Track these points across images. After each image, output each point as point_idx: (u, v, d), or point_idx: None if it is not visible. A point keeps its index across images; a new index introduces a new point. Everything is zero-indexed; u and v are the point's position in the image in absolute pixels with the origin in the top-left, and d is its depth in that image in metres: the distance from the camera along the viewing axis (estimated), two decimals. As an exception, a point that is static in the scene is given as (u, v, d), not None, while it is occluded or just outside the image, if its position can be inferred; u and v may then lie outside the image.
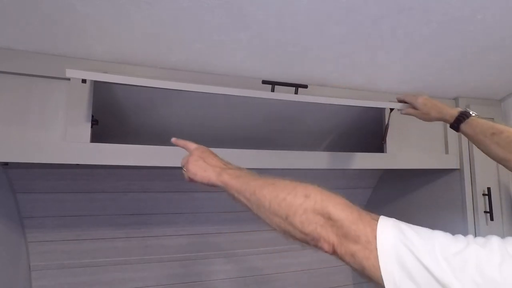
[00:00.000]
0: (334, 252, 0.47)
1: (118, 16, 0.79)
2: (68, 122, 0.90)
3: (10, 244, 1.12)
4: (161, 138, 1.19)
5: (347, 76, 1.14)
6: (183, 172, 0.71)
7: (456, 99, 1.35)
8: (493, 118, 1.35)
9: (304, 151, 1.10)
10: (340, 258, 0.47)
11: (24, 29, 0.81)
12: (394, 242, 0.42)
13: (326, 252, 0.48)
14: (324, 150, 1.44)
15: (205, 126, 1.25)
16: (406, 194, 1.45)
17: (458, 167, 1.32)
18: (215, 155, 0.70)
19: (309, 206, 0.50)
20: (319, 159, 1.12)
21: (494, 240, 0.40)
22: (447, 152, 1.33)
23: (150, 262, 1.38)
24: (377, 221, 0.45)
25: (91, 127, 0.92)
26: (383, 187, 1.59)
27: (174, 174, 1.33)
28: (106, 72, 0.94)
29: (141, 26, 0.83)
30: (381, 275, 0.41)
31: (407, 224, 0.45)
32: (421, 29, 0.90)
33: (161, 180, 1.33)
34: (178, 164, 0.97)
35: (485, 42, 0.98)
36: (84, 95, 0.91)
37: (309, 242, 0.49)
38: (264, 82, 1.00)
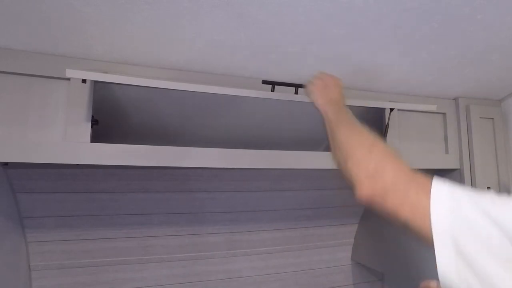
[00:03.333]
0: (371, 202, 0.49)
1: (118, 16, 0.79)
2: (68, 122, 0.90)
3: (10, 244, 1.12)
4: (161, 138, 1.19)
5: (347, 76, 1.14)
6: (309, 85, 0.81)
7: (456, 99, 1.35)
8: (493, 118, 1.35)
9: (304, 151, 1.10)
10: (377, 208, 0.49)
11: (24, 29, 0.81)
12: (450, 200, 0.42)
13: (363, 200, 0.50)
14: (324, 150, 1.44)
15: (205, 126, 1.25)
16: (406, 194, 1.44)
17: (458, 167, 1.32)
18: (340, 90, 0.78)
19: (368, 155, 0.54)
20: (319, 159, 1.12)
21: None
22: (447, 152, 1.33)
23: (150, 262, 1.38)
24: (431, 183, 0.46)
25: (91, 127, 0.92)
26: (383, 187, 1.59)
27: (174, 174, 1.33)
28: (106, 72, 0.94)
29: (141, 26, 0.83)
30: (429, 222, 0.42)
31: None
32: (421, 29, 0.90)
33: (161, 180, 1.33)
34: (178, 164, 0.98)
35: (485, 42, 0.98)
36: (84, 95, 0.91)
37: (351, 185, 0.53)
38: (264, 82, 1.00)
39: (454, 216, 0.41)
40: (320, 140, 1.48)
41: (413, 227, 0.45)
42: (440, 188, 0.45)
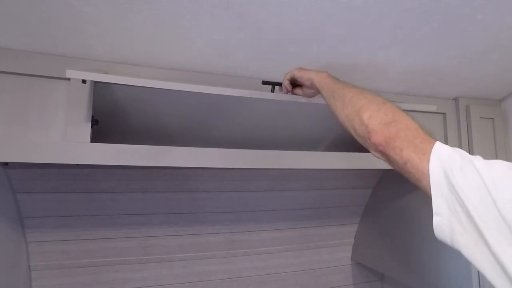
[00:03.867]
0: (384, 146, 0.56)
1: (118, 16, 0.79)
2: (68, 122, 0.90)
3: (10, 244, 1.12)
4: (161, 138, 1.19)
5: (347, 76, 1.14)
6: (285, 81, 0.88)
7: (456, 99, 1.35)
8: (493, 118, 1.35)
9: (304, 151, 1.10)
10: (386, 151, 0.56)
11: (24, 29, 0.81)
12: (450, 150, 0.51)
13: (377, 145, 0.57)
14: (324, 150, 1.44)
15: (205, 126, 1.25)
16: (406, 194, 1.44)
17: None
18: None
19: (383, 107, 0.61)
20: (319, 159, 1.12)
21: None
22: (447, 152, 1.33)
23: (150, 262, 1.38)
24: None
25: (91, 127, 0.92)
26: (383, 187, 1.59)
27: (174, 174, 1.33)
28: (106, 72, 0.94)
29: (141, 26, 0.83)
30: (427, 167, 0.50)
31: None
32: (421, 29, 0.90)
33: (161, 180, 1.33)
34: (177, 164, 0.98)
35: (485, 42, 0.98)
36: (84, 95, 0.91)
37: (365, 134, 0.60)
38: (264, 82, 1.00)
39: (449, 161, 0.48)
40: (320, 140, 1.48)
41: (411, 166, 0.52)
42: (441, 143, 0.53)
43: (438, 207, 0.48)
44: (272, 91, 1.00)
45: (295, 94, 0.92)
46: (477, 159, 0.48)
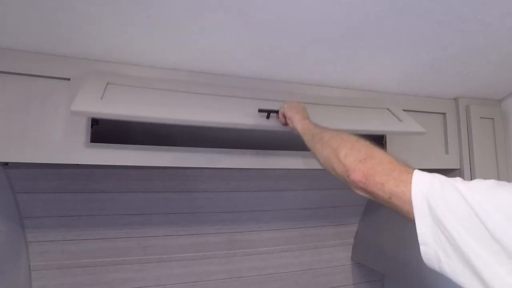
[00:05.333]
0: (364, 182, 0.57)
1: (118, 16, 0.79)
2: (68, 122, 0.90)
3: (10, 244, 1.12)
4: (161, 138, 1.19)
5: (347, 76, 1.14)
6: (279, 113, 0.92)
7: (456, 99, 1.35)
8: (493, 118, 1.35)
9: (304, 151, 1.10)
10: (368, 188, 0.57)
11: (24, 29, 0.81)
12: (429, 177, 0.51)
13: (357, 182, 0.58)
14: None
15: (206, 126, 1.25)
16: (406, 194, 1.44)
17: (458, 167, 1.32)
18: (305, 110, 0.90)
19: (356, 144, 0.64)
20: (319, 159, 1.11)
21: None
22: (447, 152, 1.33)
23: (150, 262, 1.38)
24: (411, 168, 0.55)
25: (91, 127, 0.92)
26: (383, 187, 1.59)
27: (174, 174, 1.33)
28: (105, 72, 0.94)
29: (141, 26, 0.83)
30: (410, 198, 0.50)
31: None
32: (421, 29, 0.90)
33: (161, 180, 1.33)
34: (177, 164, 0.98)
35: (485, 42, 0.98)
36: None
37: (344, 173, 0.61)
38: (260, 110, 0.96)
39: (431, 190, 0.49)
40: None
41: (396, 200, 0.53)
42: (420, 171, 0.53)
43: (424, 237, 0.48)
44: (268, 117, 0.98)
45: (286, 126, 0.93)
46: (458, 182, 0.48)
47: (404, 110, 1.29)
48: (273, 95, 1.07)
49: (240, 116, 0.94)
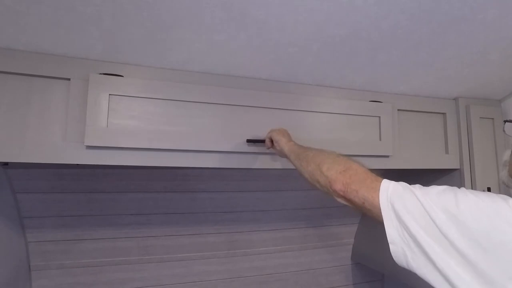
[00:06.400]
0: (344, 191, 0.64)
1: (118, 16, 0.79)
2: (68, 122, 0.90)
3: (10, 244, 1.12)
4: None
5: (347, 76, 1.14)
6: (267, 139, 1.00)
7: (456, 99, 1.35)
8: (493, 118, 1.35)
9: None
10: (347, 195, 0.64)
11: (24, 29, 0.81)
12: (393, 184, 0.59)
13: (338, 191, 0.65)
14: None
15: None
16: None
17: (458, 167, 1.32)
18: (288, 134, 0.99)
19: (337, 159, 0.72)
20: (319, 159, 1.12)
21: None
22: (447, 152, 1.33)
23: (150, 262, 1.38)
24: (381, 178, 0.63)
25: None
26: (383, 187, 1.59)
27: (174, 174, 1.33)
28: (105, 72, 0.94)
29: (141, 26, 0.83)
30: (379, 202, 0.57)
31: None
32: (421, 29, 0.90)
33: (161, 180, 1.33)
34: (177, 164, 0.98)
35: (485, 42, 0.98)
36: (84, 95, 0.91)
37: (327, 184, 0.69)
38: (248, 141, 1.04)
39: (394, 194, 0.56)
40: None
41: (368, 204, 0.60)
42: (387, 180, 0.61)
43: (391, 236, 0.55)
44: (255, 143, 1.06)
45: (273, 149, 1.00)
46: (416, 188, 0.56)
47: (403, 110, 1.29)
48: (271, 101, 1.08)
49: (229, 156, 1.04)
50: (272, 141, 0.99)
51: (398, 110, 1.28)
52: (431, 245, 0.50)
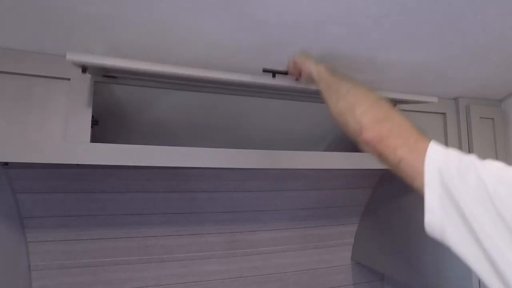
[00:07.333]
0: (377, 143, 0.56)
1: (118, 16, 0.79)
2: (68, 122, 0.90)
3: (10, 244, 1.12)
4: (161, 138, 1.19)
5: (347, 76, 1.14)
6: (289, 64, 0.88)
7: (456, 99, 1.36)
8: (493, 118, 1.35)
9: (304, 151, 1.10)
10: (379, 149, 0.56)
11: (24, 29, 0.81)
12: (445, 150, 0.51)
13: (369, 142, 0.57)
14: (324, 150, 1.44)
15: (206, 126, 1.25)
16: (406, 194, 1.44)
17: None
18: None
19: (377, 103, 0.61)
20: (319, 159, 1.12)
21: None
22: (447, 152, 1.33)
23: (150, 262, 1.38)
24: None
25: (91, 127, 0.92)
26: (383, 187, 1.59)
27: (174, 174, 1.33)
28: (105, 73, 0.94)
29: (141, 26, 0.83)
30: (421, 166, 0.50)
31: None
32: (421, 28, 0.90)
33: (161, 180, 1.33)
34: (178, 164, 0.98)
35: (485, 42, 0.98)
36: (84, 95, 0.91)
37: (357, 130, 0.59)
38: (264, 70, 0.97)
39: (446, 161, 0.49)
40: (320, 140, 1.48)
41: (405, 165, 0.53)
42: (436, 143, 0.53)
43: (430, 204, 0.49)
44: (273, 77, 0.98)
45: (298, 79, 0.90)
46: (474, 158, 0.49)
47: (403, 110, 1.29)
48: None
49: (245, 74, 0.94)
50: (297, 70, 0.85)
51: (398, 110, 1.27)
52: (482, 224, 0.44)
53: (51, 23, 0.80)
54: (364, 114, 0.60)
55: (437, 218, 0.48)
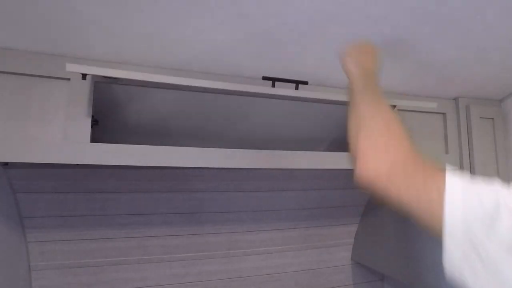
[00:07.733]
0: (373, 177, 0.48)
1: (118, 16, 0.79)
2: (68, 122, 0.90)
3: (10, 244, 1.12)
4: (161, 138, 1.19)
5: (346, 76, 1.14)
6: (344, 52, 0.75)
7: (456, 99, 1.35)
8: (493, 118, 1.35)
9: (304, 151, 1.10)
10: (384, 186, 0.47)
11: (24, 29, 0.81)
12: (465, 190, 0.42)
13: (361, 172, 0.49)
14: (324, 150, 1.44)
15: (206, 126, 1.25)
16: (406, 194, 1.44)
17: (458, 167, 1.32)
18: (375, 59, 0.73)
19: (390, 128, 0.54)
20: (318, 159, 1.12)
21: None
22: (447, 152, 1.33)
23: (150, 262, 1.38)
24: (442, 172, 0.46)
25: (91, 127, 0.92)
26: (383, 187, 1.59)
27: (174, 174, 1.33)
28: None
29: (141, 26, 0.83)
30: (439, 211, 0.42)
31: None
32: (421, 29, 0.90)
33: (161, 180, 1.32)
34: (178, 164, 0.98)
35: (485, 42, 0.98)
36: (84, 95, 0.91)
37: (353, 161, 0.52)
38: (264, 78, 0.99)
39: (468, 203, 0.41)
40: (320, 140, 1.48)
41: (417, 211, 0.45)
42: (453, 178, 0.44)
43: (450, 255, 0.43)
44: (273, 86, 0.99)
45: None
46: (500, 194, 0.41)
47: (403, 110, 1.29)
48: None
49: (243, 85, 0.94)
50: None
51: (398, 110, 1.28)
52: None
53: (51, 23, 0.80)
54: (366, 139, 0.53)
55: (456, 270, 0.42)
